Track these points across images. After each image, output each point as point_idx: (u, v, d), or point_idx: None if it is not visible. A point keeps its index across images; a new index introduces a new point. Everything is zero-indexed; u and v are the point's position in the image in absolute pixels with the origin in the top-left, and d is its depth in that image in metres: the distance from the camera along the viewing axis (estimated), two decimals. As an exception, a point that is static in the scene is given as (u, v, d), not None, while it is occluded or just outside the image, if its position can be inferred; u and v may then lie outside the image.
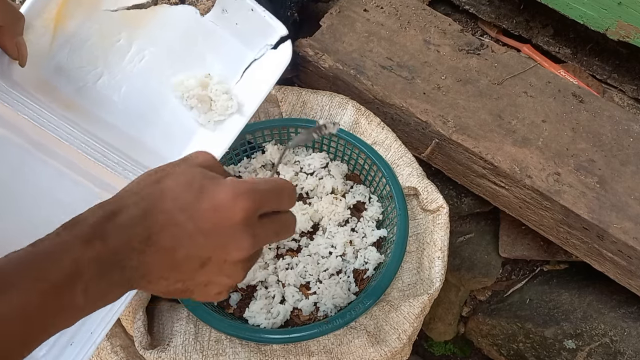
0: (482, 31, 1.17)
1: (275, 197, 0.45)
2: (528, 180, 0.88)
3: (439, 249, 0.79)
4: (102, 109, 0.71)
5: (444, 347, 1.35)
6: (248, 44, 0.74)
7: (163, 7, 0.73)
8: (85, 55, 0.71)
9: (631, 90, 1.07)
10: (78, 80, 0.71)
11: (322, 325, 0.70)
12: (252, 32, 0.73)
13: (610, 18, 0.94)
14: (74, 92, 0.70)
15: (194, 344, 0.70)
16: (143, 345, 0.69)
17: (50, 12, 0.68)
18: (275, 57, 0.72)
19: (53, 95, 0.69)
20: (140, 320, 0.70)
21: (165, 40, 0.74)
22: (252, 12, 0.71)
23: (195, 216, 0.41)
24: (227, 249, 0.42)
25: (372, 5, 1.05)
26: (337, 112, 0.90)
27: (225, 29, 0.74)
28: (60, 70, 0.70)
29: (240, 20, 0.73)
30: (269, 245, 0.80)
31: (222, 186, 0.42)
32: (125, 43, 0.73)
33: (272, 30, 0.71)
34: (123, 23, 0.73)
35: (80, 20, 0.70)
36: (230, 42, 0.74)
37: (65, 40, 0.70)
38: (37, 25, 0.67)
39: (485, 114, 0.93)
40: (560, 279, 1.14)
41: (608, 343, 1.02)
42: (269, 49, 0.73)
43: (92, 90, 0.71)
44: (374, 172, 0.85)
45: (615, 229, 0.84)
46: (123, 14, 0.72)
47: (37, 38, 0.67)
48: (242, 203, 0.42)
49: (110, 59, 0.72)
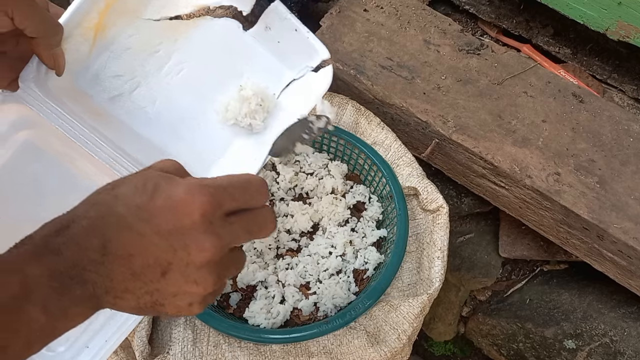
0: (482, 31, 1.17)
1: (241, 192, 0.42)
2: (528, 180, 0.88)
3: (438, 249, 0.79)
4: (135, 120, 0.70)
5: (444, 347, 1.35)
6: (288, 63, 0.72)
7: (206, 19, 0.71)
8: (122, 64, 0.70)
9: (631, 90, 1.07)
10: (113, 89, 0.69)
11: (322, 325, 0.70)
12: (293, 52, 0.71)
13: (610, 18, 0.94)
14: (107, 101, 0.69)
15: (193, 350, 0.70)
16: (144, 356, 0.69)
17: (91, 21, 0.66)
18: (315, 80, 0.70)
19: (86, 104, 0.67)
20: (144, 330, 0.70)
21: (205, 54, 0.72)
22: (295, 32, 0.69)
23: (150, 218, 0.39)
24: (187, 250, 0.39)
25: (372, 5, 1.05)
26: (337, 112, 0.90)
27: (267, 46, 0.72)
28: (97, 78, 0.69)
29: (282, 39, 0.71)
30: (269, 245, 0.80)
31: (177, 184, 0.40)
32: (164, 54, 0.71)
33: (314, 52, 0.69)
34: (163, 33, 0.71)
35: (121, 28, 0.69)
36: (270, 60, 0.72)
37: (104, 49, 0.69)
38: (76, 34, 0.65)
39: (485, 114, 0.93)
40: (560, 279, 1.14)
41: (608, 343, 1.02)
42: (309, 70, 0.71)
43: (126, 100, 0.70)
44: (374, 172, 0.85)
45: (615, 229, 0.84)
46: (164, 24, 0.70)
47: (76, 47, 0.66)
48: (200, 199, 0.39)
49: (147, 69, 0.71)
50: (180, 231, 0.39)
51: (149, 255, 0.39)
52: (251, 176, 0.44)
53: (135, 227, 0.38)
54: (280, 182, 0.87)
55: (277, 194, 0.87)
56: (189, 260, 0.40)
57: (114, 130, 0.68)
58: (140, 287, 0.39)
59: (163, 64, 0.71)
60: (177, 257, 0.39)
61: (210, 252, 0.40)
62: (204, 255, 0.40)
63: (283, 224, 0.83)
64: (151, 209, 0.39)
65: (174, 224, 0.39)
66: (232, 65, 0.73)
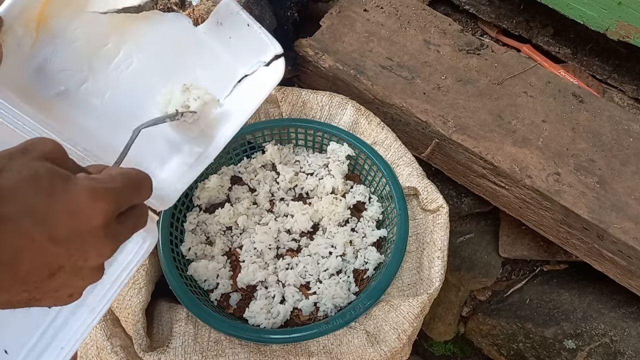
0: (482, 31, 1.17)
1: (135, 192, 0.42)
2: (528, 180, 0.88)
3: (438, 248, 0.79)
4: (83, 114, 0.68)
5: (444, 347, 1.35)
6: (241, 59, 0.71)
7: (155, 13, 0.70)
8: (69, 58, 0.68)
9: (631, 90, 1.07)
10: (60, 83, 0.68)
11: (322, 325, 0.70)
12: (246, 47, 0.70)
13: (610, 18, 0.94)
14: (54, 96, 0.67)
15: (194, 345, 0.70)
16: (142, 348, 0.69)
17: (31, 12, 0.64)
18: (267, 74, 0.70)
19: (32, 98, 0.66)
20: (140, 322, 0.70)
21: (155, 48, 0.71)
22: (247, 28, 0.68)
23: (46, 223, 0.35)
24: (85, 255, 0.38)
25: (372, 5, 1.05)
26: (337, 112, 0.90)
27: (218, 41, 0.71)
28: (42, 72, 0.67)
29: (234, 35, 0.70)
30: (269, 245, 0.80)
31: (77, 187, 0.37)
32: (113, 48, 0.70)
33: (266, 47, 0.69)
34: (112, 27, 0.70)
35: (66, 21, 0.67)
36: (222, 55, 0.72)
37: (49, 42, 0.67)
38: (16, 25, 0.63)
39: (485, 114, 0.93)
40: (560, 279, 1.14)
41: (608, 343, 1.02)
42: (262, 65, 0.70)
43: (73, 95, 0.68)
44: (374, 172, 0.85)
45: (615, 229, 0.84)
46: (112, 17, 0.69)
47: (17, 39, 0.64)
48: (102, 205, 0.37)
49: (95, 63, 0.69)
50: (78, 236, 0.37)
51: (38, 260, 0.36)
52: (142, 174, 0.43)
53: (27, 232, 0.35)
54: (280, 182, 0.87)
55: (277, 194, 0.87)
56: (84, 264, 0.38)
57: (63, 123, 0.66)
58: (19, 288, 0.36)
59: (112, 58, 0.70)
60: (70, 261, 0.37)
61: (108, 255, 0.39)
62: (101, 259, 0.39)
63: (283, 224, 0.83)
64: (47, 212, 0.35)
65: (72, 229, 0.36)
66: (183, 60, 0.72)
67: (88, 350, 0.75)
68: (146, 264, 0.74)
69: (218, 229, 0.83)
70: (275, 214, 0.85)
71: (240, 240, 0.82)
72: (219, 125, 0.71)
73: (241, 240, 0.82)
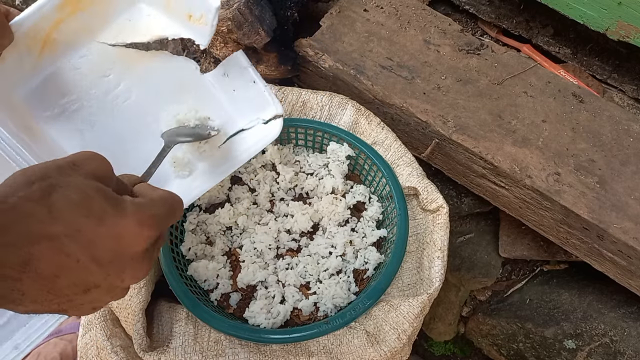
0: (482, 31, 1.17)
1: (171, 217, 0.43)
2: (528, 180, 0.88)
3: (438, 248, 0.79)
4: (68, 141, 0.67)
5: (444, 347, 1.35)
6: (240, 112, 0.71)
7: (164, 53, 0.69)
8: (68, 83, 0.67)
9: (631, 90, 1.07)
10: (53, 107, 0.67)
11: (321, 325, 0.70)
12: (247, 102, 0.70)
13: (610, 18, 0.94)
14: (44, 118, 0.66)
15: (194, 345, 0.70)
16: (142, 348, 0.69)
17: (39, 33, 0.63)
18: (263, 132, 0.69)
19: (21, 116, 0.64)
20: (140, 322, 0.70)
21: (157, 87, 0.70)
22: (253, 84, 0.68)
23: (92, 245, 0.36)
24: (122, 276, 0.38)
25: (372, 5, 1.05)
26: (337, 112, 0.90)
27: (222, 92, 0.71)
28: (38, 93, 0.66)
29: (238, 88, 0.70)
30: (269, 245, 0.80)
31: (125, 212, 0.37)
32: (114, 79, 0.69)
33: (268, 106, 0.68)
34: (117, 59, 0.69)
35: (72, 47, 0.67)
36: (223, 105, 0.71)
37: (50, 64, 0.66)
38: (21, 44, 0.62)
39: (485, 114, 0.93)
40: (560, 279, 1.14)
41: (608, 343, 1.02)
42: (260, 122, 0.70)
43: (63, 120, 0.67)
44: (374, 172, 0.85)
45: (615, 229, 0.84)
46: (120, 50, 0.68)
47: (20, 57, 0.63)
48: (147, 233, 0.38)
49: (93, 92, 0.68)
50: (120, 259, 0.38)
51: (76, 278, 0.36)
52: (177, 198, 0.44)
53: (72, 252, 0.35)
54: (280, 182, 0.87)
55: (277, 194, 0.87)
56: (120, 284, 0.39)
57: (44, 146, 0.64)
58: (52, 300, 0.37)
59: (111, 90, 0.69)
60: (107, 281, 0.38)
61: (143, 277, 0.40)
62: (135, 280, 0.40)
63: (283, 224, 0.83)
64: (94, 235, 0.36)
65: (115, 253, 0.37)
66: (182, 104, 0.71)
67: (88, 350, 0.75)
68: (146, 264, 0.74)
69: (218, 229, 0.83)
70: (275, 214, 0.85)
71: (240, 240, 0.82)
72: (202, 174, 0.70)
73: (241, 240, 0.82)
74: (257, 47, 0.93)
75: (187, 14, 0.66)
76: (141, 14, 0.68)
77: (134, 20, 0.68)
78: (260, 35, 0.91)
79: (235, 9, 0.85)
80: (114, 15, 0.68)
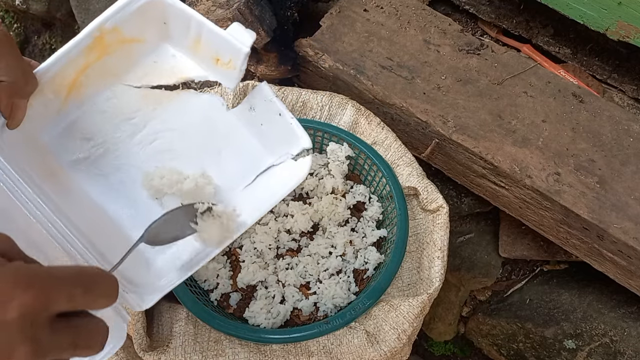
0: (482, 31, 1.17)
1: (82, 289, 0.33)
2: (528, 180, 0.88)
3: (438, 248, 0.79)
4: (93, 187, 0.65)
5: (444, 347, 1.35)
6: (269, 148, 0.67)
7: (189, 92, 0.67)
8: (94, 127, 0.65)
9: (631, 90, 1.07)
10: (79, 151, 0.65)
11: (321, 325, 0.70)
12: (275, 136, 0.67)
13: (610, 18, 0.94)
14: (69, 163, 0.64)
15: (194, 344, 0.70)
16: (142, 347, 0.69)
17: (66, 78, 0.62)
18: (292, 169, 0.66)
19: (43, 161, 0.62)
20: (140, 322, 0.70)
21: (183, 127, 0.68)
22: (279, 117, 0.65)
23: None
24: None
25: (372, 5, 1.05)
26: (337, 112, 0.90)
27: (249, 127, 0.68)
28: (63, 137, 0.64)
29: (265, 122, 0.67)
30: (269, 245, 0.80)
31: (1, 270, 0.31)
32: (139, 122, 0.67)
33: (296, 139, 0.65)
34: (143, 101, 0.67)
35: (98, 90, 0.65)
36: (251, 142, 0.68)
37: (77, 108, 0.64)
38: (47, 90, 0.61)
39: (485, 114, 0.93)
40: (560, 279, 1.14)
41: (608, 343, 1.02)
42: (289, 158, 0.66)
43: (89, 165, 0.65)
44: (374, 172, 0.85)
45: (615, 229, 0.84)
46: (145, 91, 0.67)
47: (45, 102, 0.62)
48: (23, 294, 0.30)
49: (119, 135, 0.66)
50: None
51: None
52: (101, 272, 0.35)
53: None
54: (280, 182, 0.87)
55: (277, 194, 0.87)
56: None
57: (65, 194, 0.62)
58: None
59: (136, 132, 0.67)
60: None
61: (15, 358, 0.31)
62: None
63: (283, 224, 0.83)
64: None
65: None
66: (209, 141, 0.68)
67: (88, 350, 0.75)
68: (146, 264, 0.74)
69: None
70: (275, 214, 0.85)
71: (240, 240, 0.82)
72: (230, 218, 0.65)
73: (241, 240, 0.82)
74: (257, 47, 0.93)
75: (214, 58, 0.64)
76: (167, 55, 0.67)
77: (159, 62, 0.67)
78: (260, 35, 0.91)
79: (235, 9, 0.86)
80: (139, 57, 0.66)
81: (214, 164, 0.68)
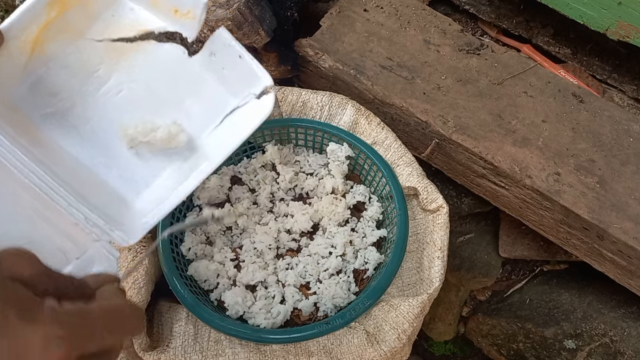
0: (482, 31, 1.17)
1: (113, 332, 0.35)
2: (528, 180, 0.88)
3: (438, 248, 0.79)
4: (65, 138, 0.68)
5: (444, 347, 1.35)
6: (232, 90, 0.70)
7: (150, 43, 0.70)
8: (59, 82, 0.68)
9: (631, 90, 1.07)
10: (46, 106, 0.68)
11: (321, 325, 0.70)
12: (237, 79, 0.69)
13: (610, 18, 0.94)
14: (39, 118, 0.67)
15: (194, 344, 0.70)
16: (142, 347, 0.69)
17: (29, 34, 0.64)
18: (256, 107, 0.69)
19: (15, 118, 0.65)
20: None
21: (147, 77, 0.71)
22: (239, 59, 0.67)
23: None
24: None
25: (372, 5, 1.05)
26: (337, 112, 0.90)
27: (211, 73, 0.70)
28: (30, 94, 0.67)
29: (227, 66, 0.69)
30: (269, 245, 0.80)
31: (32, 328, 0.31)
32: (104, 74, 0.70)
33: (257, 79, 0.68)
34: (105, 54, 0.70)
35: (61, 45, 0.67)
36: (214, 86, 0.71)
37: (41, 64, 0.67)
38: (12, 46, 0.63)
39: (485, 114, 0.93)
40: (560, 279, 1.14)
41: (608, 343, 1.02)
42: (253, 98, 0.69)
43: (59, 119, 0.68)
44: (374, 172, 0.85)
45: (615, 229, 0.84)
46: (107, 45, 0.69)
47: (11, 59, 0.64)
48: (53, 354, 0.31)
49: (85, 89, 0.69)
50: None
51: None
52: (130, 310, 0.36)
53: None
54: (280, 182, 0.87)
55: (277, 194, 0.87)
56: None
57: (41, 146, 0.65)
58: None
59: (102, 84, 0.70)
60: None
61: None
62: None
63: (283, 224, 0.83)
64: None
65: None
66: (174, 89, 0.71)
67: (88, 350, 0.75)
68: (146, 264, 0.74)
69: (218, 229, 0.83)
70: (275, 214, 0.85)
71: (240, 240, 0.82)
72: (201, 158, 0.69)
73: (241, 240, 0.82)
74: (257, 47, 0.93)
75: (173, 9, 0.67)
76: (125, 9, 0.70)
77: (117, 16, 0.70)
78: (260, 35, 0.91)
79: (235, 9, 0.86)
80: (98, 12, 0.69)
81: (181, 111, 0.71)
